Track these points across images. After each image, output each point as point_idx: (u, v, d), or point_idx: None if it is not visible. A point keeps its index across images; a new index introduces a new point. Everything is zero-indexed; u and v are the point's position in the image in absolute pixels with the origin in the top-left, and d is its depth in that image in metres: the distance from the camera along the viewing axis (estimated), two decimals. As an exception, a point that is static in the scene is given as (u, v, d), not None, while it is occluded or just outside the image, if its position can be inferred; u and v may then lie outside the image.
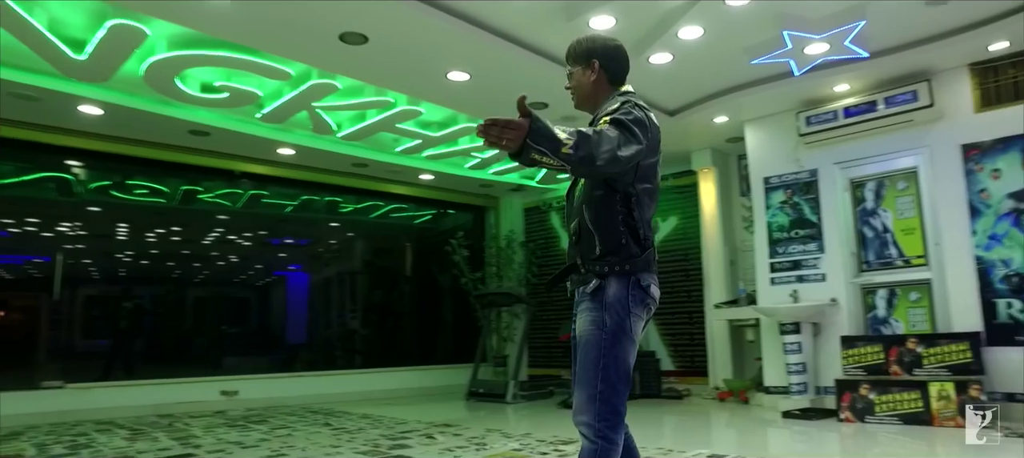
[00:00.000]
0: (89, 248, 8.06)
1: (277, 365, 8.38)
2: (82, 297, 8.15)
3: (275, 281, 9.63)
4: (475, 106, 5.84)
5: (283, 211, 8.83)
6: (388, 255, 9.96)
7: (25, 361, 7.19)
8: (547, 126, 1.65)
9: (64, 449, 4.37)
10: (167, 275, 8.52)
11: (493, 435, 4.76)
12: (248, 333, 9.41)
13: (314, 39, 4.51)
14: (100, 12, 4.36)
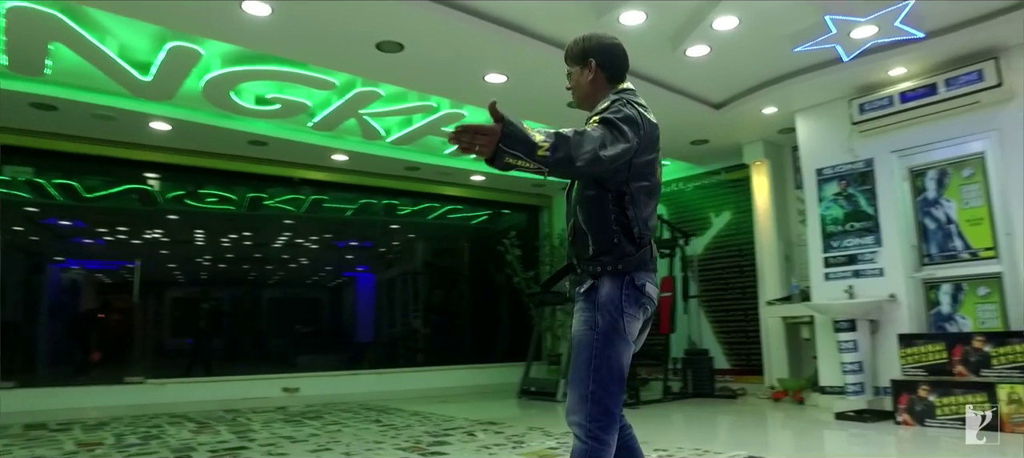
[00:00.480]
0: (172, 253, 8.67)
1: (345, 363, 8.68)
2: (168, 299, 8.76)
3: (345, 282, 9.98)
4: (515, 107, 5.85)
5: (344, 215, 9.18)
6: (447, 255, 10.19)
7: (114, 358, 7.82)
8: (521, 130, 1.65)
9: (137, 440, 4.73)
10: (243, 277, 9.01)
11: (534, 433, 4.81)
12: (321, 332, 9.78)
13: (351, 49, 4.69)
14: (161, 35, 4.70)
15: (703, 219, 7.70)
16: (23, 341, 7.38)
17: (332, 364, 8.39)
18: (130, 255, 8.22)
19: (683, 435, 4.83)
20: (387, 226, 9.59)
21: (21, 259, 7.86)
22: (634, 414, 5.81)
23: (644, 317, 1.98)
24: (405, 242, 9.95)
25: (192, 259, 8.85)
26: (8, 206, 7.28)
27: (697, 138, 6.82)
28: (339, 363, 8.59)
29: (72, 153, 6.67)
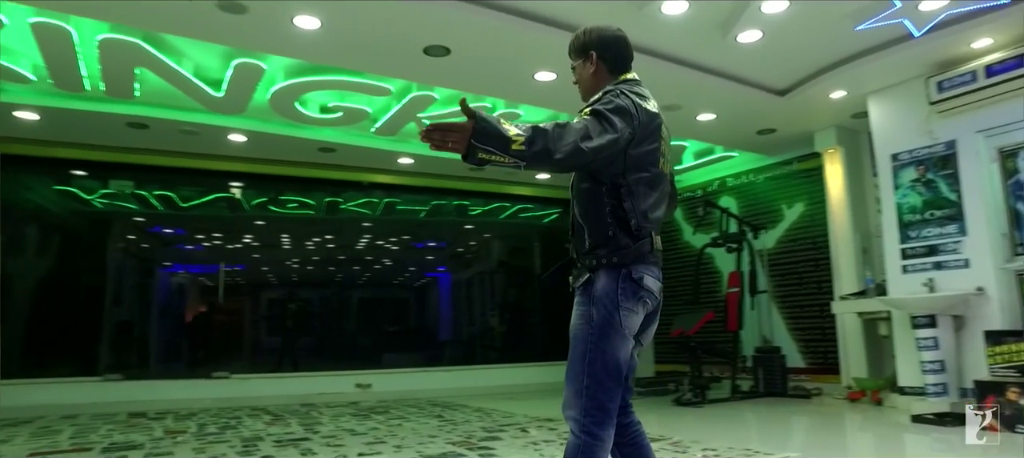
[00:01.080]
0: (262, 257, 9.25)
1: (426, 361, 8.89)
2: (262, 300, 9.33)
3: (428, 282, 10.25)
4: (567, 104, 5.89)
5: (418, 216, 9.44)
6: (521, 254, 10.26)
7: (207, 355, 8.44)
8: (494, 125, 1.66)
9: (216, 429, 5.10)
10: (331, 279, 9.44)
11: (586, 430, 4.78)
12: (406, 331, 10.05)
13: (399, 56, 4.85)
14: (228, 54, 5.05)
15: (775, 211, 7.37)
16: (136, 339, 8.13)
17: (415, 361, 8.62)
18: (226, 259, 8.86)
19: (737, 435, 4.66)
20: (461, 227, 9.79)
21: (135, 264, 8.65)
22: (698, 413, 5.66)
23: (645, 311, 1.94)
24: (480, 242, 10.12)
25: (281, 262, 9.39)
26: (119, 217, 8.03)
27: (763, 128, 6.54)
28: (421, 360, 8.80)
29: (165, 166, 7.28)
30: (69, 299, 7.46)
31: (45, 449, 4.27)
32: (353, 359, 8.83)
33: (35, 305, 7.25)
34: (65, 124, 6.07)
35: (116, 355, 7.60)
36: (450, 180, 8.42)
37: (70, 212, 7.79)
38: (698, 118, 6.27)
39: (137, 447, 4.31)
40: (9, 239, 7.12)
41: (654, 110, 2.01)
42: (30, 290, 7.28)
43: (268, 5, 4.14)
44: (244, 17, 4.21)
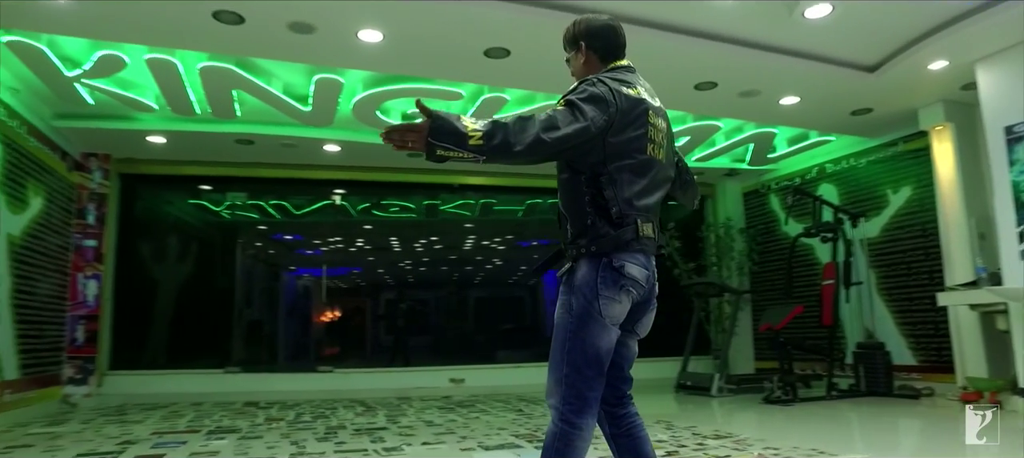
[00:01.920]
0: (378, 259, 9.80)
1: (536, 357, 8.92)
2: (380, 300, 9.84)
3: (538, 281, 10.31)
4: None
5: (517, 215, 9.61)
6: None
7: (318, 351, 9.11)
8: (450, 122, 1.72)
9: (310, 418, 5.54)
10: (445, 278, 9.74)
11: (658, 427, 4.72)
12: (520, 329, 10.09)
13: (461, 60, 5.03)
14: (309, 71, 5.48)
15: (879, 197, 6.80)
16: (264, 335, 8.95)
17: (527, 358, 8.72)
18: (344, 262, 9.49)
19: (814, 435, 4.38)
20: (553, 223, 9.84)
21: (263, 269, 9.54)
22: (786, 412, 5.38)
23: (632, 299, 1.93)
24: None
25: (394, 264, 9.83)
26: (245, 225, 8.88)
27: (858, 108, 6.08)
28: (532, 357, 8.85)
29: (274, 178, 7.97)
30: (204, 300, 8.34)
31: (166, 430, 4.86)
32: (465, 356, 8.89)
33: (177, 305, 8.19)
34: (186, 144, 6.82)
35: (244, 351, 8.41)
36: (540, 178, 8.48)
37: (203, 223, 8.70)
38: (781, 103, 5.95)
39: (236, 431, 4.79)
40: (155, 249, 8.12)
41: (639, 96, 1.99)
42: (173, 293, 8.23)
43: (334, 22, 4.47)
44: (313, 36, 4.57)
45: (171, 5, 4.15)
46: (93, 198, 6.96)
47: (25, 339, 5.74)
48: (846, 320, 6.86)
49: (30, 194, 5.81)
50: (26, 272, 5.74)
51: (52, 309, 6.38)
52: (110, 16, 4.30)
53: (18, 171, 5.56)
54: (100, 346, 6.91)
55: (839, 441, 4.11)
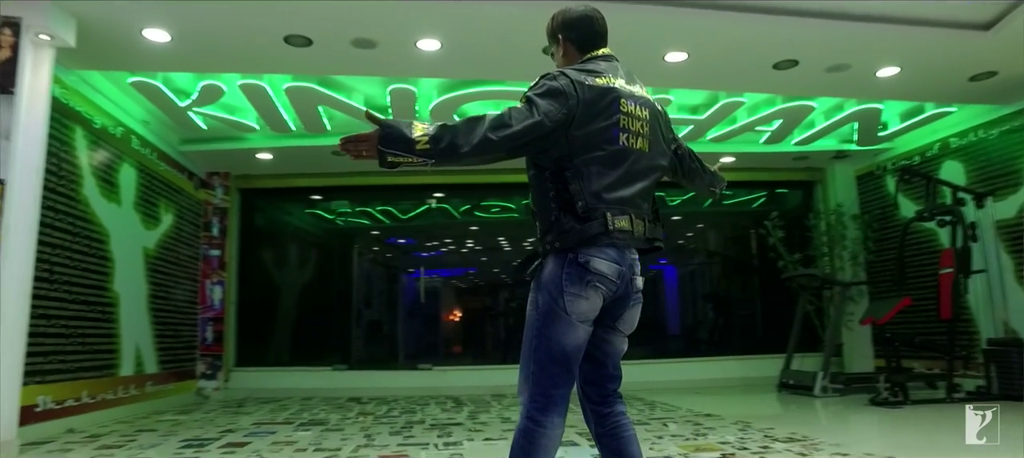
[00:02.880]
0: (491, 259, 9.96)
1: (651, 354, 8.76)
2: (496, 299, 9.86)
3: (655, 276, 10.07)
4: (699, 81, 5.56)
5: None
6: (734, 243, 9.65)
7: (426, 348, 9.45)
8: (399, 129, 1.75)
9: (399, 412, 5.83)
10: None
11: (732, 427, 4.48)
12: (642, 324, 9.91)
13: (519, 60, 5.05)
14: (384, 82, 5.76)
15: (1016, 172, 5.96)
16: (385, 335, 9.47)
17: (641, 355, 8.56)
18: (454, 263, 9.78)
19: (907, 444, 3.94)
20: (668, 218, 9.57)
21: (380, 271, 10.13)
22: (892, 415, 4.89)
23: (603, 295, 1.87)
24: (697, 233, 9.69)
25: (506, 263, 9.92)
26: (359, 231, 9.51)
27: (977, 72, 5.38)
28: (647, 354, 8.68)
29: (375, 185, 8.45)
30: (324, 302, 9.01)
31: (266, 421, 5.33)
32: None
33: (298, 308, 8.93)
34: (290, 159, 7.41)
35: (363, 349, 8.95)
36: None
37: (321, 230, 9.42)
38: (878, 75, 5.40)
39: (324, 423, 5.15)
40: (275, 255, 8.91)
41: (608, 86, 1.93)
42: (294, 296, 8.99)
43: (394, 35, 4.68)
44: (376, 50, 4.81)
45: (246, 35, 4.56)
46: (216, 212, 7.77)
47: (162, 338, 6.53)
48: (975, 313, 6.09)
49: (161, 211, 6.60)
50: (160, 280, 6.53)
51: (185, 312, 7.20)
52: (200, 50, 4.80)
53: (150, 192, 6.34)
54: (226, 345, 7.69)
55: (928, 448, 3.68)
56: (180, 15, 4.34)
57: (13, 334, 3.93)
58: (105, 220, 5.48)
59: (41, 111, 4.20)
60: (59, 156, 4.88)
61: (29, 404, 4.48)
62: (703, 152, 7.09)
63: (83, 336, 5.16)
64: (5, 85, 4.02)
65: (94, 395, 5.27)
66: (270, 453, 3.89)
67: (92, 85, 5.33)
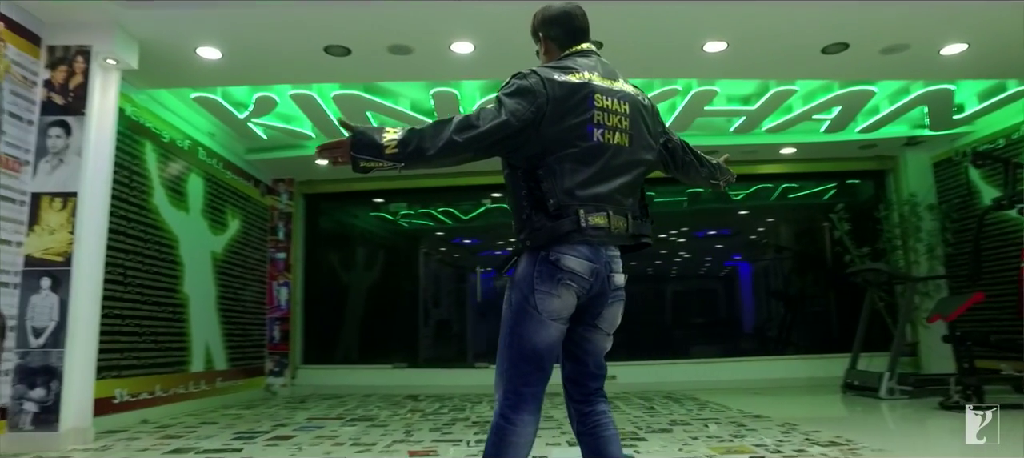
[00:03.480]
0: None
1: (725, 352, 8.54)
2: None
3: (723, 272, 9.76)
4: (745, 70, 5.37)
5: (681, 206, 9.21)
6: (803, 237, 9.24)
7: (487, 348, 9.55)
8: (369, 135, 1.80)
9: (447, 410, 5.95)
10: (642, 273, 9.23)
11: (775, 430, 4.32)
12: (715, 322, 9.44)
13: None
14: (427, 86, 5.90)
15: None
16: (453, 335, 9.61)
17: (717, 353, 8.42)
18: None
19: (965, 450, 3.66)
20: (734, 212, 9.27)
21: (450, 271, 10.34)
22: (959, 420, 4.54)
23: (575, 293, 1.85)
24: (768, 228, 9.32)
25: None
26: (424, 232, 9.75)
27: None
28: (714, 353, 8.49)
29: (434, 187, 8.65)
30: (390, 302, 9.29)
31: (319, 417, 5.58)
32: (663, 351, 8.45)
33: (365, 307, 9.24)
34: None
35: (432, 348, 9.14)
36: None
37: (387, 231, 9.71)
38: (942, 53, 5.04)
39: (371, 419, 5.34)
40: (341, 257, 9.28)
41: (582, 81, 1.91)
42: (361, 296, 9.32)
43: (428, 41, 4.79)
44: (412, 56, 4.94)
45: (289, 48, 4.80)
46: (281, 217, 8.18)
47: (231, 337, 6.95)
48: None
49: (228, 217, 7.03)
50: (228, 282, 6.95)
51: (254, 312, 7.63)
52: (248, 64, 5.09)
53: (217, 200, 6.77)
54: (292, 343, 8.08)
55: (974, 453, 3.41)
56: (228, 33, 4.62)
57: (86, 333, 4.30)
58: (174, 227, 5.89)
59: (108, 129, 4.57)
60: (130, 169, 5.29)
61: (107, 396, 4.90)
62: (759, 144, 7.02)
63: (155, 334, 5.58)
64: (78, 107, 4.41)
65: (166, 389, 5.69)
66: (310, 446, 4.08)
67: (160, 102, 5.75)
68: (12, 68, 4.23)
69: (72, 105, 4.39)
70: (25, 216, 4.26)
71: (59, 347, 4.14)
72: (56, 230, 4.26)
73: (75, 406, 4.18)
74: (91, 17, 4.34)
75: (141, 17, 4.39)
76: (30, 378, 4.11)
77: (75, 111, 4.39)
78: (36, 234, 4.25)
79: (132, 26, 4.49)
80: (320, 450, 3.93)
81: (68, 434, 4.10)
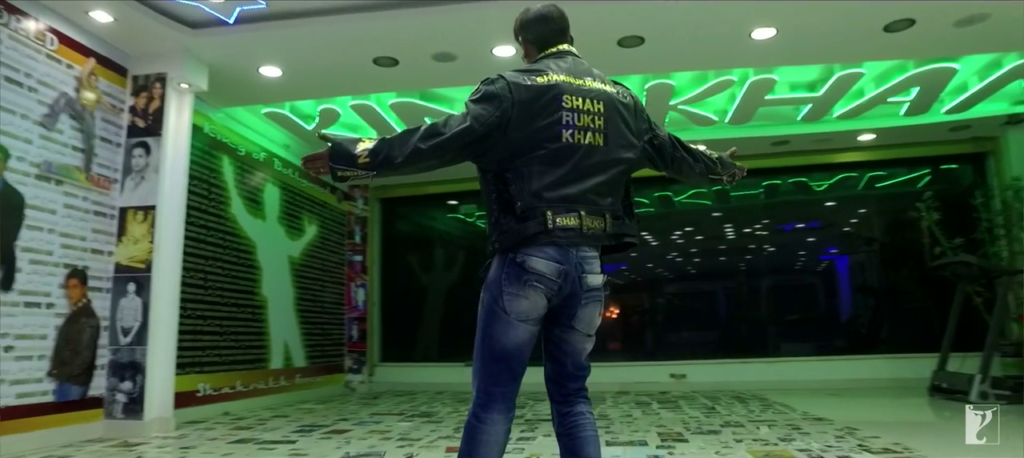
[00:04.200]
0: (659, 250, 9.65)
1: (825, 350, 8.16)
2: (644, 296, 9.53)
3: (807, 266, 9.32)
4: (799, 56, 5.09)
5: (759, 199, 8.86)
6: (894, 228, 8.63)
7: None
8: (345, 146, 1.87)
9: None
10: (731, 269, 9.00)
11: (827, 434, 4.09)
12: (807, 319, 8.96)
13: (592, 53, 5.00)
14: (480, 91, 6.02)
15: None
16: None
17: (805, 351, 8.08)
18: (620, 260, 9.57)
19: None
20: (821, 203, 8.82)
21: None
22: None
23: (544, 295, 1.87)
24: (860, 219, 8.80)
25: (653, 258, 9.39)
26: None
27: None
28: (810, 350, 8.13)
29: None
30: (468, 302, 9.50)
31: (383, 413, 5.83)
32: (751, 349, 8.21)
33: (444, 307, 9.51)
34: (415, 169, 7.96)
35: None
36: (779, 158, 7.71)
37: (465, 232, 9.95)
38: None
39: (431, 416, 5.52)
40: (421, 258, 9.60)
41: (550, 82, 1.91)
42: (440, 296, 9.61)
43: (470, 46, 4.91)
44: (456, 62, 5.08)
45: (340, 61, 5.07)
46: (358, 221, 8.58)
47: (310, 336, 7.40)
48: None
49: (305, 223, 7.48)
50: (306, 284, 7.40)
51: (333, 312, 8.07)
52: (306, 79, 5.42)
53: (294, 207, 7.22)
54: (370, 342, 8.47)
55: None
56: (284, 51, 4.95)
57: (166, 332, 4.75)
58: (251, 233, 6.36)
59: (183, 147, 5.02)
60: (209, 181, 5.77)
61: (191, 390, 5.38)
62: (831, 131, 6.62)
63: (235, 333, 6.04)
64: (156, 129, 4.87)
65: (247, 384, 6.15)
66: (359, 440, 4.30)
67: (237, 119, 6.23)
68: (103, 99, 4.74)
69: (151, 127, 4.86)
70: (115, 229, 4.76)
71: (143, 344, 4.60)
72: (139, 240, 4.73)
73: (157, 398, 4.62)
74: (165, 46, 4.78)
75: (207, 43, 4.79)
76: (120, 372, 4.60)
77: (153, 132, 4.86)
78: (123, 244, 4.74)
79: (200, 51, 4.91)
80: (366, 444, 4.13)
81: (151, 423, 4.55)
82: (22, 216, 4.08)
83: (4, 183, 3.97)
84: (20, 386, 4.01)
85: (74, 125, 4.48)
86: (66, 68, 4.43)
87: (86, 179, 4.55)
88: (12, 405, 3.95)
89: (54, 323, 4.25)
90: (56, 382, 4.24)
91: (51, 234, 4.26)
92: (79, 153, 4.51)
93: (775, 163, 7.92)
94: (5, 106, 3.98)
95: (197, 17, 4.58)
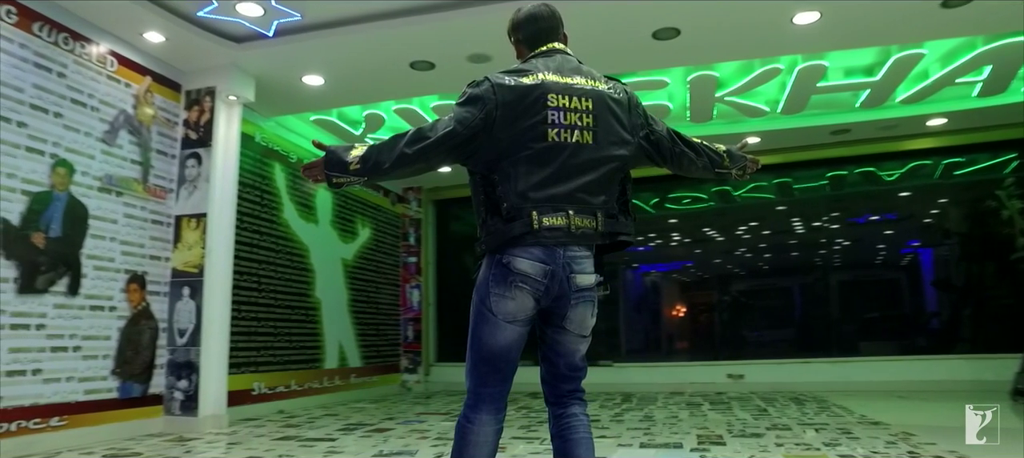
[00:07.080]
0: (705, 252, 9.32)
1: (909, 349, 7.72)
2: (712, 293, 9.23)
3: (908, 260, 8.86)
4: (847, 39, 4.82)
5: (824, 190, 8.44)
6: (978, 218, 8.04)
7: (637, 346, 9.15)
8: (338, 154, 1.92)
9: (554, 408, 6.00)
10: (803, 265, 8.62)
11: (883, 439, 3.85)
12: (889, 317, 8.42)
13: (623, 51, 4.91)
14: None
15: None
16: (603, 332, 9.47)
17: (884, 350, 7.62)
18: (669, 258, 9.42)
19: None
20: (895, 194, 8.33)
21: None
22: None
23: (531, 295, 1.85)
24: (941, 209, 8.25)
25: (718, 255, 9.13)
26: None
27: None
28: (891, 349, 7.64)
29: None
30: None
31: (429, 412, 5.93)
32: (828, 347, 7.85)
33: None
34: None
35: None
36: (837, 148, 7.33)
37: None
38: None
39: (473, 414, 5.54)
40: (476, 259, 9.67)
41: (534, 82, 1.89)
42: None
43: (505, 45, 4.86)
44: (492, 63, 5.09)
45: (378, 67, 5.19)
46: (412, 223, 8.74)
47: (364, 336, 7.60)
48: None
49: (359, 226, 7.68)
50: (360, 286, 7.60)
51: (388, 313, 8.25)
52: (348, 86, 5.58)
53: (346, 211, 7.44)
54: (425, 342, 8.60)
55: None
56: (324, 60, 5.10)
57: (218, 333, 4.99)
58: (304, 237, 6.59)
59: (233, 156, 5.25)
60: (261, 189, 6.02)
61: (246, 388, 5.63)
62: (896, 117, 6.22)
63: (289, 334, 6.27)
64: (206, 140, 5.13)
65: (301, 383, 6.38)
66: (397, 439, 4.37)
67: (287, 127, 6.47)
68: (159, 114, 5.03)
69: (202, 138, 5.12)
70: (171, 236, 5.04)
71: (197, 345, 4.85)
72: (193, 246, 4.98)
73: (212, 396, 4.86)
74: (214, 61, 5.02)
75: (252, 56, 5.00)
76: (177, 371, 4.87)
77: (204, 143, 5.11)
78: (179, 250, 5.02)
79: (246, 64, 5.13)
80: (401, 443, 4.20)
81: (206, 420, 4.78)
82: (86, 226, 4.38)
83: (70, 196, 4.27)
84: (87, 383, 4.31)
85: (132, 140, 4.77)
86: (124, 87, 4.73)
87: (144, 190, 4.84)
88: (81, 400, 4.25)
89: (117, 325, 4.54)
90: (119, 380, 4.53)
91: (112, 242, 4.56)
92: (137, 166, 4.80)
93: (838, 153, 7.55)
94: (70, 125, 4.29)
95: (240, 32, 4.79)
